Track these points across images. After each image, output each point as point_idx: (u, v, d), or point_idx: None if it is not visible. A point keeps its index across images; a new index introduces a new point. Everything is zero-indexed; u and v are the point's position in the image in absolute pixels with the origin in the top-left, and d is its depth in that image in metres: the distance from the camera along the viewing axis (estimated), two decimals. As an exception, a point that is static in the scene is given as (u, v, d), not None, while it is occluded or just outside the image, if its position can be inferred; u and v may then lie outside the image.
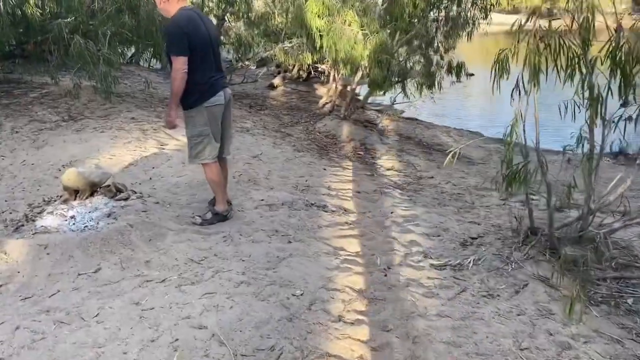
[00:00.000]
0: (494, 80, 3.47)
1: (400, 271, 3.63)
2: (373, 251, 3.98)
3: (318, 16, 8.49)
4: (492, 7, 8.37)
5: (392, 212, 4.95)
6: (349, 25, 8.32)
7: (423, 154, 8.43)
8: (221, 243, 4.02)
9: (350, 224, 4.58)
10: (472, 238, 4.31)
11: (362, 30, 8.15)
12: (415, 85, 8.70)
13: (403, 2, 8.09)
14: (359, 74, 9.44)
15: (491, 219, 5.09)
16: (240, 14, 12.30)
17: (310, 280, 3.44)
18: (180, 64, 3.90)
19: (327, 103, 11.34)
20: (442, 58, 8.86)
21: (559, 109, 3.39)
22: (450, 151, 3.68)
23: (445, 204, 5.63)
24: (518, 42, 3.36)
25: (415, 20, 8.49)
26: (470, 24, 8.36)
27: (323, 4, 8.36)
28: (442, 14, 8.40)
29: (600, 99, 3.18)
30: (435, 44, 8.85)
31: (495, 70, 3.41)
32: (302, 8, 8.77)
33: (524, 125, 3.62)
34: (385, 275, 3.53)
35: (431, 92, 8.90)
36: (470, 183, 6.65)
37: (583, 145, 4.14)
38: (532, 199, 5.93)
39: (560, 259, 3.43)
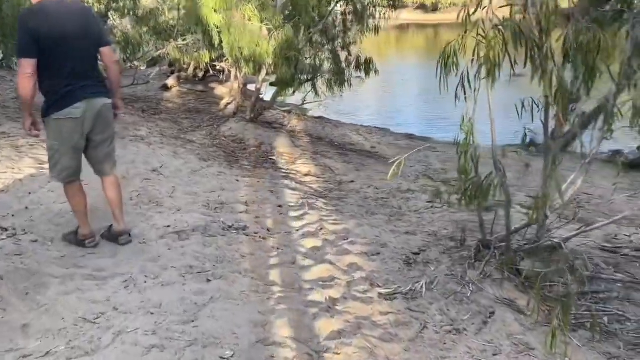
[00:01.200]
0: (440, 78, 3.00)
1: (348, 307, 3.06)
2: (311, 283, 3.37)
3: (215, 11, 7.72)
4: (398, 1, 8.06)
5: (321, 229, 4.38)
6: (250, 20, 7.65)
7: (338, 155, 7.97)
8: (122, 290, 3.22)
9: (278, 249, 3.95)
10: (415, 254, 3.86)
11: (265, 25, 7.50)
12: (326, 83, 8.21)
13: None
14: (264, 72, 8.79)
15: (425, 226, 4.70)
16: (126, 10, 11.13)
17: (242, 334, 2.77)
18: (23, 67, 3.20)
19: (229, 104, 10.56)
20: (350, 54, 8.44)
21: (516, 107, 3.00)
22: (394, 161, 3.18)
23: (373, 211, 5.17)
24: (466, 32, 2.91)
25: (318, 14, 7.98)
26: (377, 18, 7.99)
27: (220, -3, 7.61)
28: (350, 7, 7.95)
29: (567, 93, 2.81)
30: (342, 39, 8.41)
31: (441, 65, 2.93)
32: (196, 2, 7.95)
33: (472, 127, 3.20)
34: (332, 317, 2.94)
35: (341, 90, 8.46)
36: (392, 185, 6.26)
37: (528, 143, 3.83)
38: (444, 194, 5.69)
39: (524, 277, 3.05)
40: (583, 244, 3.56)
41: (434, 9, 47.49)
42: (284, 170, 6.94)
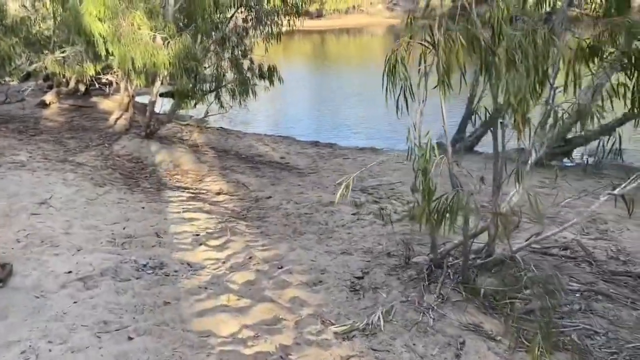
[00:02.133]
0: (386, 89, 2.72)
1: (304, 355, 2.67)
2: (254, 329, 2.93)
3: (99, 19, 6.95)
4: (301, 7, 7.77)
5: (250, 257, 3.95)
6: (139, 28, 6.97)
7: (249, 169, 7.51)
8: (20, 366, 2.58)
9: (206, 288, 3.45)
10: (358, 278, 3.56)
11: (159, 34, 6.86)
12: (229, 93, 7.72)
13: (203, 1, 7.01)
14: (158, 83, 8.11)
15: (358, 243, 4.43)
16: (-11, 20, 9.79)
17: (184, 406, 2.28)
18: None
19: (119, 119, 9.68)
20: (252, 62, 8.02)
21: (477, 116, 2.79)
22: (340, 183, 2.86)
23: (300, 230, 4.81)
24: (410, 38, 2.65)
25: (216, 21, 7.49)
26: (279, 24, 7.65)
27: (104, 4, 6.85)
28: (252, 14, 7.53)
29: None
30: (243, 47, 7.97)
31: (387, 74, 2.64)
32: (77, 11, 7.11)
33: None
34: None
35: (245, 100, 8.01)
36: (312, 198, 5.94)
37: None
38: (384, 210, 5.51)
39: (482, 296, 2.85)
40: (520, 250, 3.43)
41: (319, 15, 48.22)
42: (192, 190, 6.37)
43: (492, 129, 3.08)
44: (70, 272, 3.59)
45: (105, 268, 3.64)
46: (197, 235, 4.49)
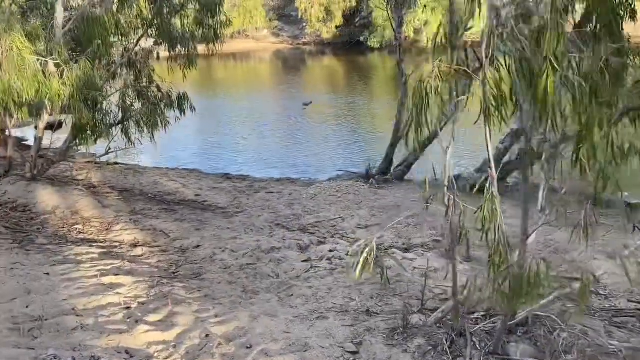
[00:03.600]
0: (408, 129, 2.18)
1: None
2: None
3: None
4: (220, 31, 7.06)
5: (207, 335, 3.18)
6: (20, 54, 5.86)
7: (164, 212, 6.58)
8: None
9: (165, 390, 2.65)
10: (353, 352, 2.95)
11: (50, 59, 5.80)
12: (135, 125, 6.76)
13: (104, 22, 6.06)
14: (45, 116, 6.96)
15: (327, 301, 3.83)
16: None
17: None
18: None
19: (-7, 159, 8.23)
20: (159, 90, 7.13)
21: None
22: (358, 263, 2.29)
23: (252, 289, 4.11)
24: (440, 61, 2.15)
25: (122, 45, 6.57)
26: (191, 49, 6.88)
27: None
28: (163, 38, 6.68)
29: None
30: (148, 74, 7.08)
31: (414, 111, 2.11)
32: None
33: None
34: None
35: (153, 133, 7.07)
36: (250, 244, 5.23)
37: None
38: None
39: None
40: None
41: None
42: (102, 244, 5.36)
43: (519, 169, 2.66)
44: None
45: (14, 373, 2.69)
46: (129, 308, 3.61)
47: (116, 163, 9.94)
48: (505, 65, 2.02)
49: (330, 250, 5.01)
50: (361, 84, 22.08)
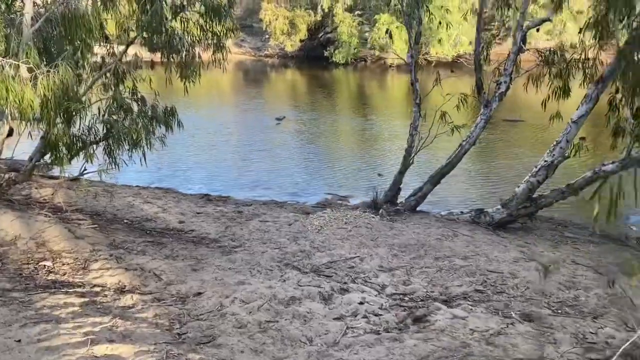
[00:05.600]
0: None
1: None
2: None
3: None
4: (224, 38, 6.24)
5: None
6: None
7: (149, 245, 5.62)
8: None
9: None
10: None
11: (22, 63, 4.82)
12: (115, 143, 5.80)
13: (87, 21, 5.12)
14: (5, 128, 5.92)
15: None
16: None
17: None
18: None
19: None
20: (144, 103, 6.21)
21: None
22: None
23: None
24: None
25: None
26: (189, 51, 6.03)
27: None
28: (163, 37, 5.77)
29: None
30: (133, 82, 6.15)
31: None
32: None
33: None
34: None
35: (136, 151, 6.12)
36: (262, 291, 4.41)
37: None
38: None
39: None
40: None
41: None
42: (79, 289, 4.42)
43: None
44: None
45: None
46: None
47: (77, 179, 8.85)
48: None
49: (361, 303, 4.26)
50: (329, 99, 21.45)
